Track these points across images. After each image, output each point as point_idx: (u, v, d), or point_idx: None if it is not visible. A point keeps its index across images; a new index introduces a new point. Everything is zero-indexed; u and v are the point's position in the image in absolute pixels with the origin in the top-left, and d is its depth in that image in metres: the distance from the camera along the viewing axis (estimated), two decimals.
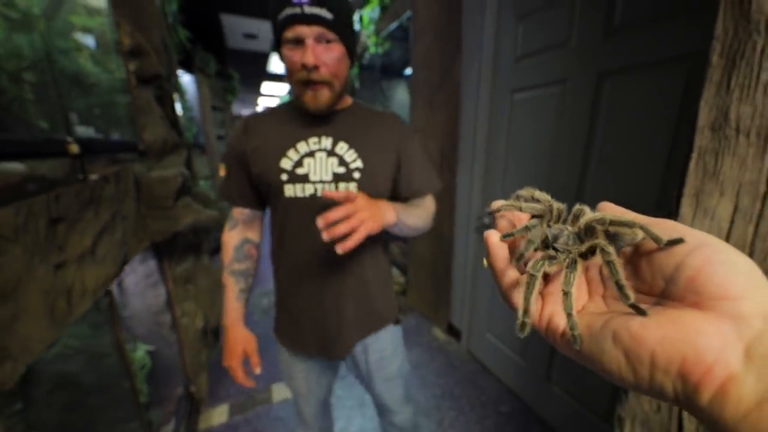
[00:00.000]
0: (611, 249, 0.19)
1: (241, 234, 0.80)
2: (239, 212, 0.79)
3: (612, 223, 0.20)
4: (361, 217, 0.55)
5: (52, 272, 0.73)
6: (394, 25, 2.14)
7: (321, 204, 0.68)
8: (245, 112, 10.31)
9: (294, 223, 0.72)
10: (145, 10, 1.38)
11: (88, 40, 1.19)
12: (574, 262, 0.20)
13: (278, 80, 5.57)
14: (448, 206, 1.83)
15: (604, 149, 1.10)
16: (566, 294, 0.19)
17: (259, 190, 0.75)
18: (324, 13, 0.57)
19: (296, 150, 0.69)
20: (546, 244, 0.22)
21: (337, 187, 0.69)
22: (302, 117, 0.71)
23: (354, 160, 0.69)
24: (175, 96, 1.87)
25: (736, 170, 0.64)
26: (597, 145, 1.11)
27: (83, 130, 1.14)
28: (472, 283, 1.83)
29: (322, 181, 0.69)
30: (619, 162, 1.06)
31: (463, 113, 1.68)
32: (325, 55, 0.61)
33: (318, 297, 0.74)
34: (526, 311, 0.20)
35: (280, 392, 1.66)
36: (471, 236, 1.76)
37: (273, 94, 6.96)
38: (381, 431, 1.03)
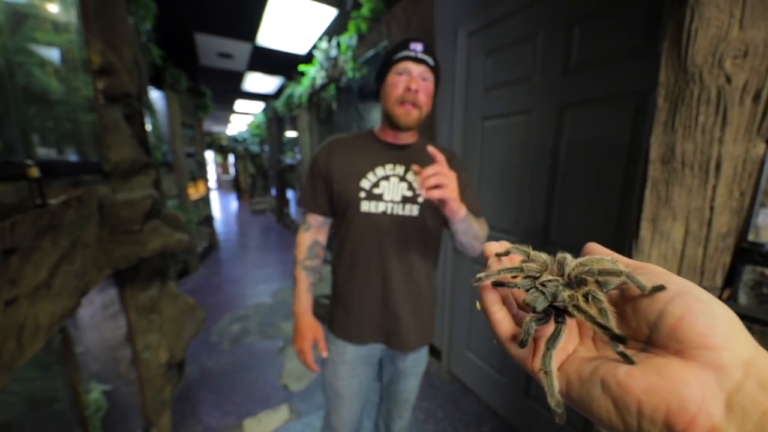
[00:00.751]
0: (603, 296, 0.20)
1: (313, 236, 0.92)
2: (313, 218, 0.91)
3: (601, 273, 0.21)
4: (447, 178, 0.65)
5: (1, 310, 0.66)
6: (370, 53, 2.23)
7: (390, 219, 0.83)
8: (217, 129, 10.03)
9: (367, 232, 0.84)
10: (117, 29, 1.34)
11: (54, 56, 1.13)
12: (560, 325, 0.21)
13: (252, 99, 5.52)
14: None
15: (567, 175, 1.19)
16: (546, 373, 0.20)
17: (335, 203, 0.87)
18: (429, 60, 0.78)
19: (375, 173, 0.83)
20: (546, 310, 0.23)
21: (404, 208, 0.83)
22: (380, 145, 0.87)
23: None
24: (145, 114, 1.80)
25: (684, 198, 0.72)
26: (561, 170, 1.21)
27: (44, 151, 1.06)
28: (450, 302, 1.85)
29: (392, 201, 0.83)
30: (580, 186, 1.15)
31: (438, 137, 1.76)
32: (422, 86, 0.79)
33: (382, 297, 0.86)
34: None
35: (253, 428, 1.55)
36: (449, 256, 1.80)
37: (247, 112, 6.85)
38: None
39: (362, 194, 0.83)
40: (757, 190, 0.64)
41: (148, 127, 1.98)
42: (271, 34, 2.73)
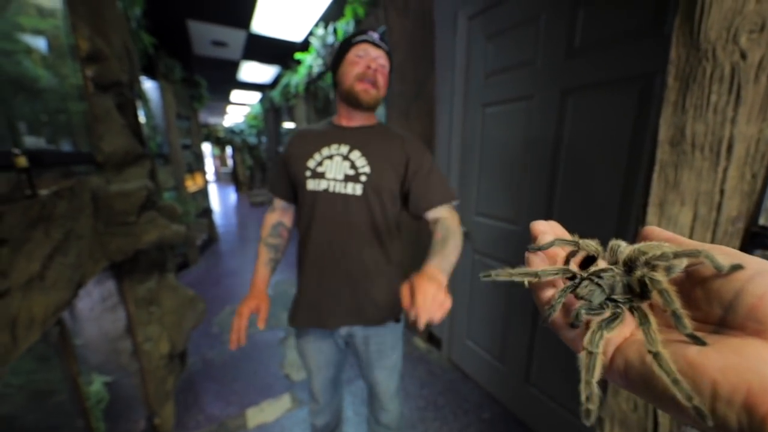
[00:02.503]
0: (661, 276, 0.19)
1: (278, 217, 0.97)
2: (278, 202, 0.96)
3: (677, 255, 0.18)
4: (436, 304, 0.65)
5: None
6: None
7: (332, 197, 0.83)
8: (213, 120, 9.91)
9: (312, 210, 0.86)
10: (105, 13, 1.29)
11: (40, 43, 1.09)
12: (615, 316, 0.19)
13: (248, 89, 5.44)
14: None
15: (570, 161, 1.16)
16: (591, 354, 0.18)
17: (294, 186, 0.91)
18: (386, 46, 0.83)
19: (320, 153, 0.86)
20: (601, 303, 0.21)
21: (346, 186, 0.83)
22: (333, 129, 0.89)
23: (363, 166, 0.83)
24: (138, 104, 1.76)
25: (693, 182, 0.70)
26: (563, 156, 1.18)
27: (33, 141, 1.03)
28: (450, 291, 1.84)
29: (335, 179, 0.83)
30: (584, 173, 1.13)
31: (438, 125, 1.72)
32: (381, 69, 0.82)
33: (319, 276, 0.88)
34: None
35: (255, 417, 1.56)
36: None
37: (244, 102, 6.74)
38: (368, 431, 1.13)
39: (308, 173, 0.85)
40: None
41: (142, 117, 1.94)
42: (265, 21, 2.66)
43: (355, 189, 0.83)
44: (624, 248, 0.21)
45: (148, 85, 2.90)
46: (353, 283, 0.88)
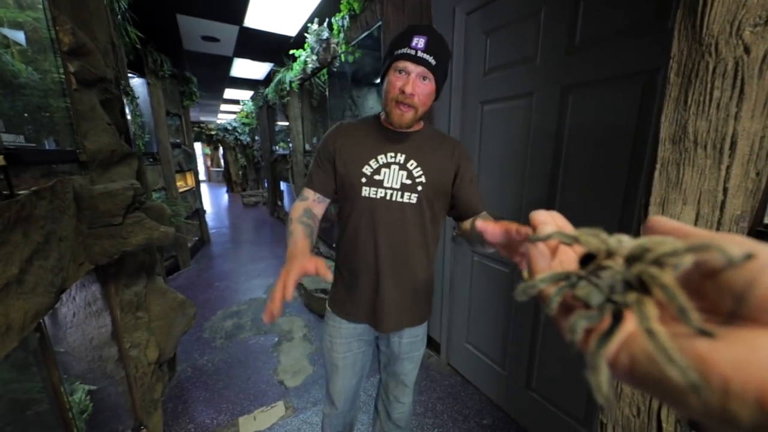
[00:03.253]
0: (658, 272, 0.17)
1: (308, 205, 0.92)
2: (312, 194, 0.92)
3: (687, 251, 0.17)
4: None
5: None
6: (364, 34, 2.14)
7: (388, 205, 0.85)
8: (205, 118, 9.77)
9: (366, 217, 0.86)
10: (88, 5, 1.24)
11: (19, 36, 1.04)
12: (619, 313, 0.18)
13: (241, 86, 5.35)
14: None
15: (571, 158, 1.15)
16: (593, 370, 0.17)
17: (339, 186, 0.90)
18: (430, 59, 0.76)
19: (377, 160, 0.86)
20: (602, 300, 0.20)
21: (402, 195, 0.85)
22: (384, 132, 0.88)
23: (419, 176, 0.85)
24: (125, 100, 1.70)
25: (696, 180, 0.69)
26: (564, 154, 1.17)
27: (11, 138, 0.98)
28: (450, 294, 1.83)
29: (392, 188, 0.85)
30: (585, 170, 1.12)
31: (435, 123, 1.70)
32: (420, 88, 0.78)
33: (375, 280, 0.89)
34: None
35: (247, 425, 1.52)
36: (448, 246, 1.77)
37: (237, 99, 6.64)
38: (378, 428, 1.15)
39: (363, 180, 0.86)
40: None
41: (129, 114, 1.88)
42: (258, 15, 2.61)
43: (411, 198, 0.85)
44: (627, 243, 0.20)
45: (136, 81, 2.83)
46: (408, 290, 0.91)
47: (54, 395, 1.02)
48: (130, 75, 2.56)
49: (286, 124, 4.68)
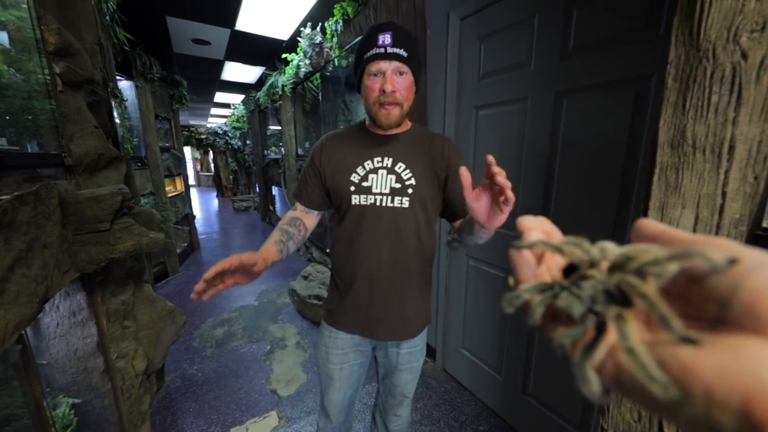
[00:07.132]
0: (637, 281, 0.17)
1: (296, 214, 0.93)
2: (300, 205, 0.93)
3: (669, 259, 0.17)
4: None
5: None
6: (357, 39, 2.14)
7: (379, 211, 0.83)
8: (195, 122, 9.62)
9: (357, 225, 0.85)
10: (75, 5, 1.21)
11: (1, 36, 1.00)
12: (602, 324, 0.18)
13: (232, 89, 5.30)
14: None
15: (566, 164, 1.16)
16: (583, 381, 0.17)
17: (332, 197, 0.90)
18: (401, 51, 0.74)
19: (363, 167, 0.84)
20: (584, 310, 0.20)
21: (393, 200, 0.83)
22: (371, 138, 0.86)
23: (409, 179, 0.83)
24: (113, 103, 1.66)
25: (695, 184, 0.69)
26: (558, 159, 1.17)
27: None
28: (445, 299, 1.81)
29: (381, 193, 0.83)
30: (580, 176, 1.12)
31: (431, 128, 1.70)
32: (399, 83, 0.76)
33: (369, 289, 0.87)
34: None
35: None
36: (443, 251, 1.76)
37: (228, 102, 6.56)
38: None
39: (352, 188, 0.84)
40: None
41: (117, 117, 1.84)
42: (250, 18, 2.59)
43: (402, 202, 0.83)
44: (611, 251, 0.20)
45: (124, 84, 2.77)
46: (404, 297, 0.88)
47: (36, 410, 0.97)
48: (118, 77, 2.50)
49: (278, 128, 4.64)
